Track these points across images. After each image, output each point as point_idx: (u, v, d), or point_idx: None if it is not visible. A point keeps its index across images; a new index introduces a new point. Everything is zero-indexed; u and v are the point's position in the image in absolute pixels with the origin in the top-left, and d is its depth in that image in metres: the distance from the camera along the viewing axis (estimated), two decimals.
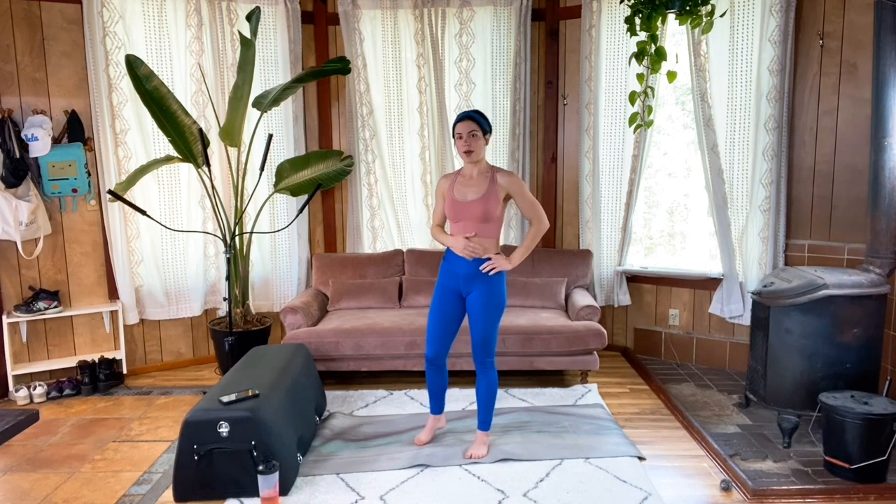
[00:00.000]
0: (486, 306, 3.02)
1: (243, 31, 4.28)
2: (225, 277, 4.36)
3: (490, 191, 2.96)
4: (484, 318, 3.03)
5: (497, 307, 3.05)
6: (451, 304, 3.12)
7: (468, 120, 2.95)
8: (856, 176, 3.76)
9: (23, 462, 3.25)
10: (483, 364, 3.09)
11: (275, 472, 2.69)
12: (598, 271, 4.75)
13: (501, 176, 2.99)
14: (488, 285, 3.02)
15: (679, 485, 2.93)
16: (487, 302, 3.02)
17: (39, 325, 4.28)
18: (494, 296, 3.03)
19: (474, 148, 2.95)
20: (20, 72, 4.09)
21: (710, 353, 4.46)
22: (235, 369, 3.38)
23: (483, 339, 3.06)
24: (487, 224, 2.98)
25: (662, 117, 4.59)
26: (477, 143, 2.95)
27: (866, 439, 2.81)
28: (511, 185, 2.98)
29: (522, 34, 4.66)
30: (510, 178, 2.99)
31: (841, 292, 3.25)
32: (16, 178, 4.02)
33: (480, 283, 3.02)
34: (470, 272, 3.03)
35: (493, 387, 3.12)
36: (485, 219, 2.97)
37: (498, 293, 3.04)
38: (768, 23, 3.90)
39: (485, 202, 2.95)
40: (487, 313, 3.02)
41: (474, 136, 2.94)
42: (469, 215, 2.97)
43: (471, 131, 2.94)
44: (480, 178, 3.00)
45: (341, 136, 4.95)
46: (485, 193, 2.96)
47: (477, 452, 3.14)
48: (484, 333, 3.05)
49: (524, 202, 3.01)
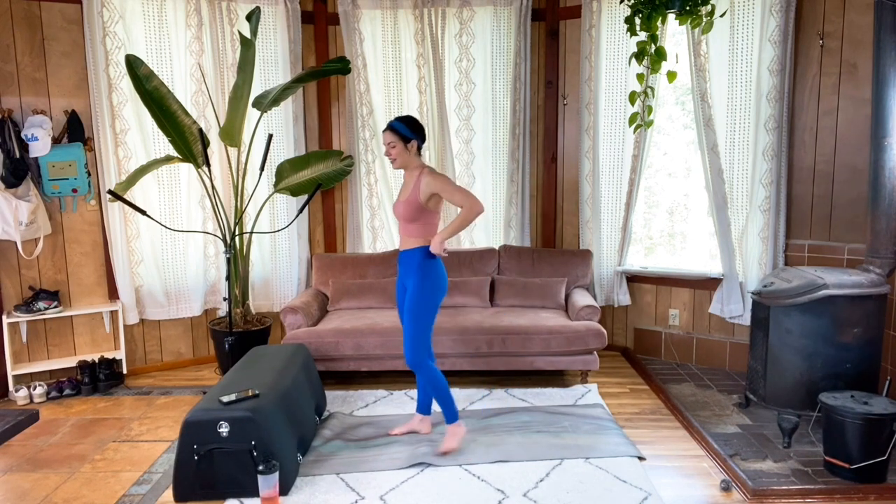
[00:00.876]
0: (410, 300, 3.12)
1: (243, 31, 4.28)
2: (225, 277, 4.36)
3: (413, 195, 3.11)
4: (409, 311, 3.12)
5: (414, 307, 3.10)
6: (400, 294, 3.29)
7: (387, 131, 3.13)
8: (856, 176, 3.76)
9: (23, 462, 3.25)
10: (411, 364, 3.14)
11: (275, 472, 2.69)
12: (598, 271, 4.75)
13: (425, 177, 3.10)
14: (417, 280, 3.11)
15: (679, 485, 2.93)
16: (412, 297, 3.11)
17: (39, 325, 4.28)
18: (413, 296, 3.11)
19: (395, 156, 3.13)
20: (20, 72, 4.09)
21: (710, 353, 4.46)
22: (235, 369, 3.38)
23: (407, 333, 3.12)
24: (413, 224, 3.13)
25: (662, 117, 4.59)
26: (397, 151, 3.12)
27: (866, 439, 2.81)
28: (433, 185, 3.07)
29: (522, 34, 4.66)
30: (432, 177, 3.09)
31: (841, 292, 3.25)
32: (16, 178, 4.02)
33: (411, 277, 3.15)
34: (401, 264, 3.22)
35: (433, 380, 3.16)
36: (407, 219, 3.14)
37: (417, 295, 3.10)
38: (768, 23, 3.90)
39: (406, 205, 3.12)
40: (411, 306, 3.11)
41: (393, 147, 3.11)
42: (398, 214, 3.19)
43: (389, 142, 3.12)
44: (410, 182, 3.17)
45: (341, 136, 4.95)
46: (407, 197, 3.12)
47: (447, 445, 3.18)
48: (408, 326, 3.11)
49: (451, 195, 3.07)
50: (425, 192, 3.09)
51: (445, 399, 3.19)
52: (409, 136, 3.12)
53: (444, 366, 4.04)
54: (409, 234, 3.17)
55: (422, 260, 3.13)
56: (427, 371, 3.15)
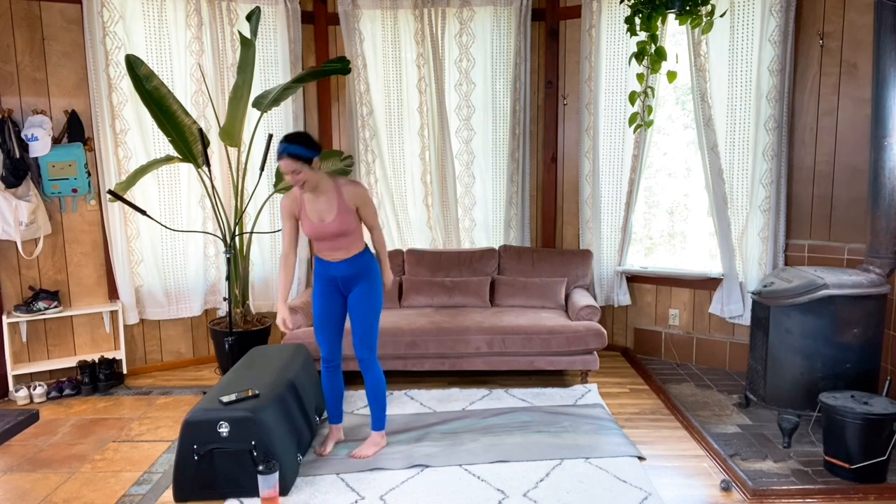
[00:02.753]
0: (366, 304, 3.11)
1: (243, 31, 4.28)
2: (225, 277, 4.36)
3: (341, 206, 2.98)
4: (364, 315, 3.11)
5: (375, 305, 3.13)
6: (333, 303, 3.16)
7: (286, 159, 2.79)
8: (856, 176, 3.76)
9: (23, 462, 3.25)
10: (364, 363, 3.15)
11: (275, 472, 2.69)
12: (598, 271, 4.75)
13: (347, 188, 3.00)
14: (368, 283, 3.11)
15: (679, 485, 2.93)
16: (368, 299, 3.11)
17: (39, 325, 4.28)
18: (374, 293, 3.13)
19: (303, 180, 2.84)
20: (20, 72, 4.09)
21: (710, 353, 4.46)
22: (235, 369, 3.37)
23: (364, 335, 3.12)
24: (348, 237, 3.04)
25: (662, 117, 4.59)
26: (304, 176, 2.83)
27: (866, 439, 2.81)
28: (357, 198, 3.02)
29: (522, 34, 4.66)
30: (355, 189, 3.02)
31: (841, 292, 3.25)
32: (16, 178, 4.02)
33: (360, 282, 3.11)
34: (346, 273, 3.09)
35: (379, 384, 3.18)
36: (344, 234, 3.02)
37: (375, 292, 3.14)
38: (768, 23, 3.90)
39: (340, 220, 2.98)
40: (367, 310, 3.11)
41: (298, 173, 2.82)
42: (330, 234, 3.01)
43: (293, 171, 2.81)
44: (328, 196, 2.97)
45: (341, 136, 4.95)
46: (337, 212, 2.98)
47: (363, 452, 3.19)
48: (364, 330, 3.11)
49: (367, 213, 3.08)
50: (352, 201, 2.99)
51: (384, 402, 3.24)
52: (310, 156, 2.82)
53: (444, 366, 4.05)
54: (344, 247, 3.05)
55: (371, 263, 3.14)
56: (375, 368, 3.16)
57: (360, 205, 3.04)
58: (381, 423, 3.25)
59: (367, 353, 3.14)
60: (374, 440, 3.24)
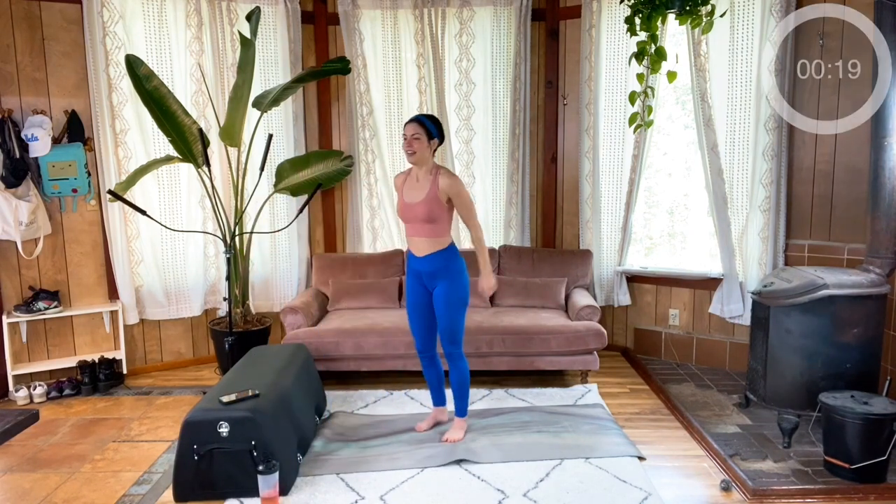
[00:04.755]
0: (448, 300, 3.19)
1: (243, 31, 4.27)
2: (225, 277, 4.36)
3: (431, 193, 3.10)
4: (447, 311, 3.20)
5: (459, 301, 3.22)
6: (421, 299, 3.30)
7: (415, 123, 3.11)
8: (856, 176, 3.76)
9: (23, 462, 3.25)
10: (451, 356, 3.27)
11: (275, 472, 2.69)
12: (598, 271, 4.75)
13: (443, 178, 3.12)
14: (449, 280, 3.19)
15: (679, 485, 2.93)
16: (449, 296, 3.19)
17: (39, 325, 4.28)
18: (455, 290, 3.20)
19: (416, 150, 3.09)
20: (20, 72, 4.09)
21: (710, 353, 4.46)
22: (235, 369, 3.38)
23: (448, 331, 3.22)
24: (433, 224, 3.13)
25: (662, 117, 4.59)
26: (419, 144, 3.09)
27: (866, 439, 2.81)
28: (450, 188, 3.11)
29: (522, 34, 4.66)
30: (451, 179, 3.12)
31: (841, 292, 3.25)
32: (16, 178, 4.02)
33: (441, 279, 3.19)
34: (429, 269, 3.20)
35: (464, 376, 3.31)
36: (429, 220, 3.12)
37: (459, 287, 3.21)
38: (768, 23, 3.90)
39: (427, 205, 3.09)
40: (450, 306, 3.19)
41: (417, 139, 3.08)
42: (415, 217, 3.14)
43: (414, 134, 3.09)
44: (424, 181, 3.14)
45: (341, 136, 4.95)
46: (426, 196, 3.10)
47: (453, 436, 3.31)
48: (449, 325, 3.21)
49: (461, 205, 3.15)
50: (444, 192, 3.10)
51: (467, 391, 3.35)
52: (433, 134, 3.13)
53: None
54: (427, 235, 3.14)
55: (452, 260, 3.19)
56: (461, 360, 3.27)
57: (453, 196, 3.12)
58: (464, 410, 3.38)
59: (451, 347, 3.25)
60: (460, 425, 3.36)
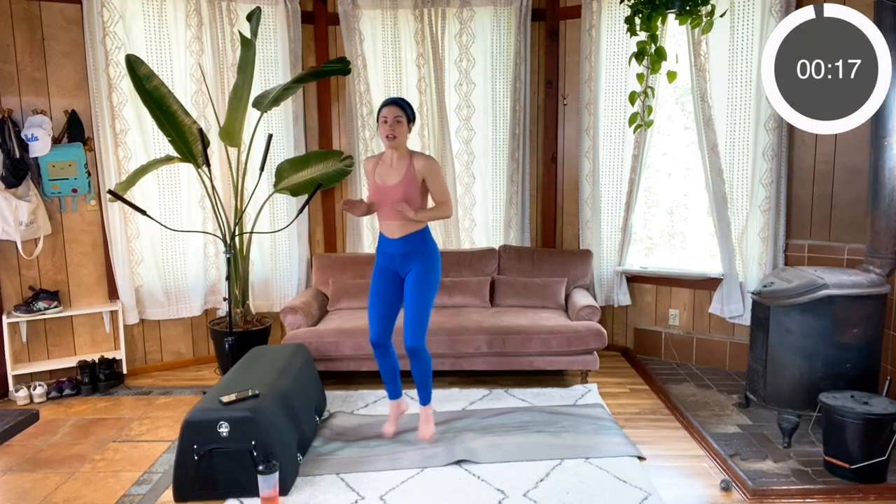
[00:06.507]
0: (419, 283, 3.13)
1: (243, 31, 4.27)
2: (225, 277, 4.35)
3: (408, 175, 3.08)
4: (417, 295, 3.13)
5: (430, 284, 3.17)
6: (389, 284, 3.23)
7: (396, 106, 3.06)
8: (856, 176, 3.76)
9: (23, 462, 3.25)
10: (414, 352, 3.14)
11: (275, 472, 2.69)
12: (598, 271, 4.75)
13: (418, 160, 3.11)
14: (423, 263, 3.14)
15: (679, 485, 2.93)
16: (421, 279, 3.14)
17: (39, 325, 4.28)
18: (428, 272, 3.16)
19: (397, 133, 3.05)
20: (20, 72, 4.09)
21: (710, 353, 4.46)
22: (235, 369, 3.38)
23: (415, 318, 3.12)
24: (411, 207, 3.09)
25: (662, 117, 4.59)
26: (400, 128, 3.06)
27: (866, 439, 2.81)
28: (426, 170, 3.10)
29: (522, 34, 4.66)
30: (426, 161, 3.12)
31: (841, 292, 3.25)
32: (16, 178, 4.01)
33: (415, 262, 3.14)
34: (402, 251, 3.15)
35: (427, 367, 3.23)
36: (407, 202, 3.07)
37: (432, 270, 3.18)
38: (768, 23, 3.89)
39: (403, 187, 3.07)
40: (420, 290, 3.13)
41: (399, 122, 3.05)
42: (390, 199, 3.09)
43: (396, 116, 3.05)
44: (400, 164, 3.12)
45: (341, 136, 4.95)
46: (403, 178, 3.08)
47: (427, 432, 3.27)
48: (417, 312, 3.12)
49: (435, 186, 3.13)
50: (420, 173, 3.09)
51: (430, 378, 3.27)
52: (412, 117, 3.13)
53: (444, 366, 4.05)
54: (402, 218, 3.09)
55: (427, 242, 3.15)
56: (425, 353, 3.18)
57: (428, 177, 3.09)
58: (428, 398, 3.31)
59: (416, 339, 3.11)
60: (427, 415, 3.30)
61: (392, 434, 3.35)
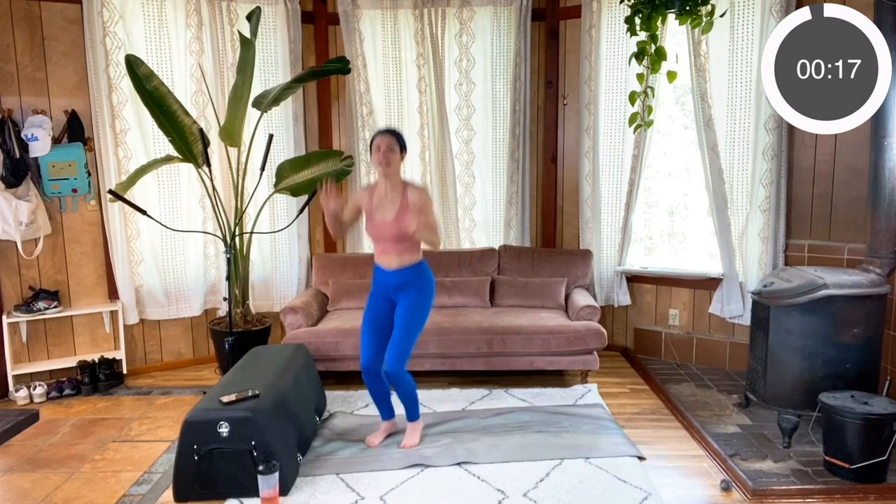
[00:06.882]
0: (409, 313, 3.12)
1: (243, 31, 4.27)
2: (225, 277, 4.36)
3: (402, 210, 3.07)
4: (405, 325, 3.11)
5: (418, 316, 3.15)
6: (382, 311, 3.22)
7: (389, 135, 3.10)
8: (856, 176, 3.76)
9: (23, 462, 3.25)
10: (395, 377, 3.11)
11: (275, 472, 2.69)
12: (598, 271, 4.75)
13: (412, 193, 3.11)
14: (417, 293, 3.15)
15: (679, 485, 2.93)
16: (411, 309, 3.13)
17: (39, 325, 4.28)
18: (420, 303, 3.15)
19: (391, 161, 3.06)
20: (20, 72, 4.09)
21: (710, 353, 4.46)
22: (235, 369, 3.38)
23: (399, 347, 3.10)
24: (403, 243, 3.09)
25: (662, 117, 4.59)
26: (394, 157, 3.07)
27: (866, 439, 2.81)
28: (420, 202, 3.08)
29: (522, 34, 4.66)
30: (419, 195, 3.11)
31: (841, 292, 3.25)
32: (16, 178, 4.01)
33: (409, 291, 3.14)
34: (397, 282, 3.14)
35: (410, 389, 3.21)
36: (399, 239, 3.08)
37: (424, 303, 3.17)
38: (768, 23, 3.89)
39: (397, 224, 3.06)
40: (409, 320, 3.12)
41: (392, 151, 3.06)
42: (387, 237, 3.10)
43: (389, 145, 3.06)
44: (394, 195, 3.12)
45: (341, 136, 4.95)
46: (397, 214, 3.08)
47: (410, 441, 3.26)
48: (402, 341, 3.11)
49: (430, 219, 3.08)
50: (415, 206, 3.06)
51: (416, 399, 3.26)
52: (404, 148, 3.14)
53: (444, 366, 4.05)
54: (398, 253, 3.10)
55: (423, 275, 3.16)
56: (403, 379, 3.15)
57: (422, 210, 3.06)
58: (416, 415, 3.30)
59: (397, 366, 3.07)
60: (414, 428, 3.30)
61: (376, 445, 3.28)
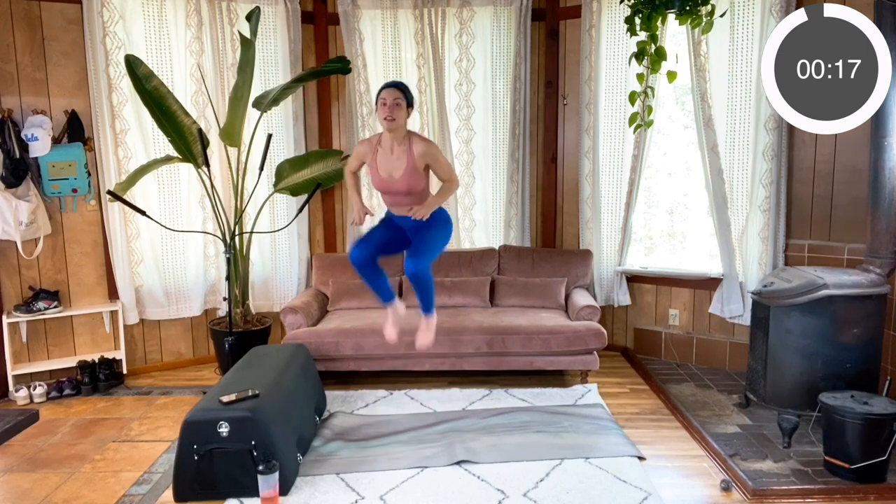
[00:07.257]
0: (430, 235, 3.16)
1: (243, 31, 4.27)
2: (225, 277, 4.36)
3: (409, 165, 3.08)
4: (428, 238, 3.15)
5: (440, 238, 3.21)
6: (392, 231, 3.28)
7: (394, 88, 3.08)
8: (856, 176, 3.76)
9: (23, 462, 3.25)
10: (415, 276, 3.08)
11: (275, 472, 2.69)
12: (598, 271, 4.75)
13: (417, 145, 3.10)
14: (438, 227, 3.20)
15: (679, 485, 2.93)
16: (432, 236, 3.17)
17: (39, 325, 4.28)
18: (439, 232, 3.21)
19: (396, 116, 3.04)
20: (20, 72, 4.09)
21: (710, 353, 4.46)
22: (235, 369, 3.38)
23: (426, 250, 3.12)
24: (414, 195, 3.14)
25: (662, 117, 4.59)
26: (399, 112, 3.06)
27: (866, 439, 2.81)
28: (427, 156, 3.10)
29: (522, 34, 4.66)
30: (426, 146, 3.11)
31: (841, 292, 3.25)
32: (16, 178, 4.01)
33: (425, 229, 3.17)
34: (412, 225, 3.20)
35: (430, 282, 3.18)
36: (409, 192, 3.13)
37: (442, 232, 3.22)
38: (768, 23, 3.89)
39: (407, 179, 3.09)
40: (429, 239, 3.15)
41: (398, 105, 3.05)
42: (396, 191, 3.14)
43: (395, 99, 3.04)
44: (400, 151, 3.11)
45: (341, 136, 4.95)
46: (405, 170, 3.09)
47: (425, 340, 3.30)
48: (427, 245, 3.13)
49: (437, 167, 3.15)
50: (421, 159, 3.09)
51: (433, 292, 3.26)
52: (411, 101, 3.13)
53: (444, 365, 4.05)
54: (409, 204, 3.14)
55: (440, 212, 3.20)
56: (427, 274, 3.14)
57: (431, 162, 3.10)
58: (430, 308, 3.28)
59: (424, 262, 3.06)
60: (427, 324, 3.30)
61: (395, 338, 3.34)
